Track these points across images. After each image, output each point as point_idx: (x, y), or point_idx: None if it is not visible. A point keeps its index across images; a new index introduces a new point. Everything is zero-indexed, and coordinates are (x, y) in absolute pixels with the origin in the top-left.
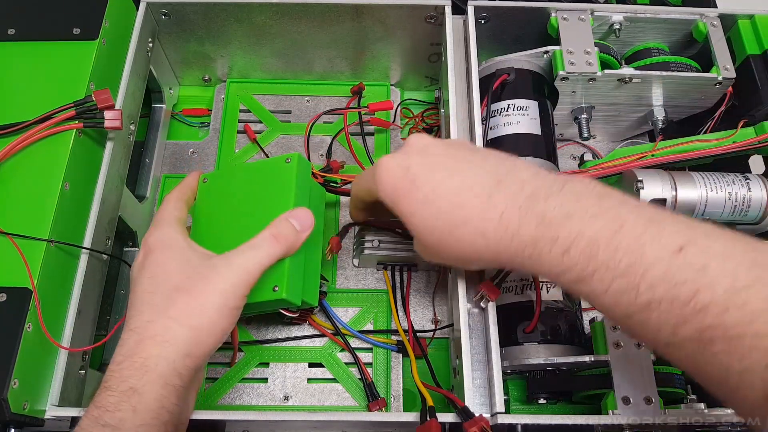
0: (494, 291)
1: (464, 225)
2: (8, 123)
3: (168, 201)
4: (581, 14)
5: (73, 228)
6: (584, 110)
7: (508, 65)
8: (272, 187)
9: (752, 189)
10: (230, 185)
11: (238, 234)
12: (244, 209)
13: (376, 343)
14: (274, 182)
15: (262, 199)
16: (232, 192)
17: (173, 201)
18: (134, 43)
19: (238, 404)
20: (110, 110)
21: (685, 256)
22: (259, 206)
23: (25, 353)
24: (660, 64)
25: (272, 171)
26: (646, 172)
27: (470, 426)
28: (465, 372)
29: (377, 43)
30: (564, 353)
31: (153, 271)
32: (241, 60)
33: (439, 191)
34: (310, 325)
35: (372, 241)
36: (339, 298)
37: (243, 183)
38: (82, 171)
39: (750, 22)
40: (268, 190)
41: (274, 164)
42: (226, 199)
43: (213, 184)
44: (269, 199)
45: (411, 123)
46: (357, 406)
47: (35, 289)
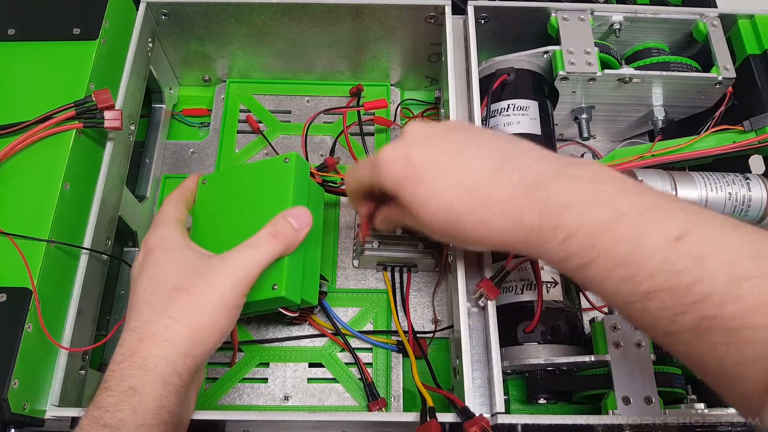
0: (493, 290)
1: (468, 213)
2: (8, 123)
3: (168, 202)
4: (581, 14)
5: (73, 228)
6: (584, 110)
7: (508, 65)
8: (270, 187)
9: (752, 189)
10: (229, 186)
11: (238, 235)
12: (242, 210)
13: (376, 343)
14: (272, 182)
15: (260, 199)
16: (231, 193)
17: (173, 202)
18: (134, 43)
19: (238, 404)
20: (110, 110)
21: (684, 245)
22: (258, 207)
23: (25, 353)
24: (660, 64)
25: (270, 171)
26: (646, 172)
27: (471, 426)
28: (465, 372)
29: (377, 43)
30: (564, 353)
31: (152, 271)
32: (241, 60)
33: (442, 182)
34: (310, 324)
35: (372, 242)
36: (339, 298)
37: (242, 184)
38: (82, 171)
39: (750, 22)
40: (267, 190)
41: (272, 164)
42: (225, 200)
43: (212, 186)
44: (268, 200)
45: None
46: (357, 406)
47: (35, 289)
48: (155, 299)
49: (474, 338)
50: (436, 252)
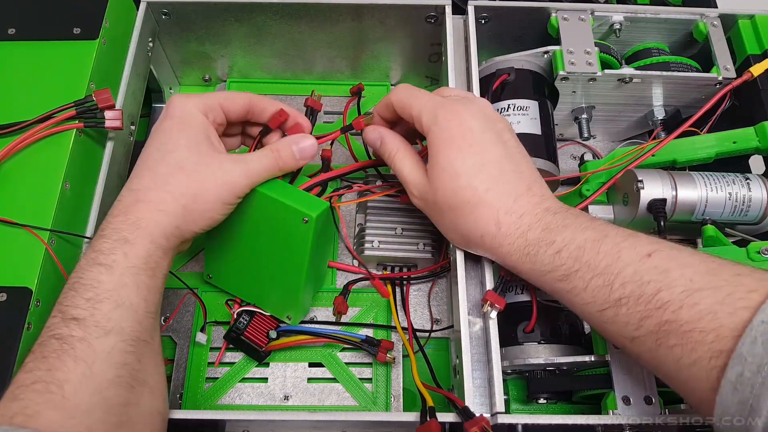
0: (500, 300)
1: (488, 208)
2: (8, 123)
3: (220, 97)
4: (581, 14)
5: (73, 228)
6: (584, 110)
7: (508, 65)
8: (287, 240)
9: (752, 189)
10: (244, 204)
11: (251, 265)
12: (258, 244)
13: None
14: (289, 236)
15: (276, 245)
16: (248, 214)
17: (221, 98)
18: (134, 42)
19: (238, 404)
20: (111, 110)
21: (652, 261)
22: (273, 252)
23: (26, 353)
24: (660, 64)
25: (289, 223)
26: (646, 172)
27: (471, 426)
28: (465, 372)
29: (377, 43)
30: (564, 353)
31: (164, 140)
32: (241, 60)
33: (486, 166)
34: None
35: (372, 242)
36: None
37: (260, 214)
38: (82, 171)
39: (750, 22)
40: (283, 241)
41: (292, 217)
42: (238, 217)
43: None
44: (283, 251)
45: None
46: (357, 406)
47: (35, 289)
48: (158, 169)
49: (474, 338)
50: (436, 252)
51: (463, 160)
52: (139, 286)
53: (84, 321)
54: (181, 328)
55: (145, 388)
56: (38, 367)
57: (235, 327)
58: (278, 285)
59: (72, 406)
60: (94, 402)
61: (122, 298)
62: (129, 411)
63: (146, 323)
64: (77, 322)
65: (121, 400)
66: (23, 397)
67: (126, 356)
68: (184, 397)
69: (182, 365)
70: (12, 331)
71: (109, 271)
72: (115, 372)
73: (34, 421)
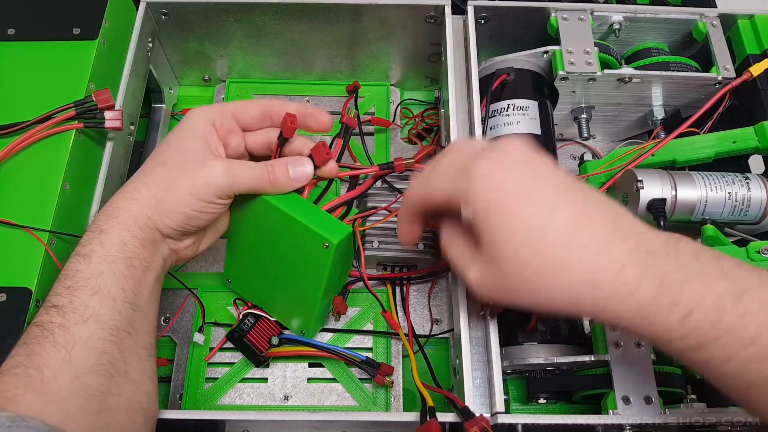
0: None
1: (572, 269)
2: (8, 123)
3: (234, 105)
4: (581, 14)
5: (73, 228)
6: (584, 110)
7: (508, 65)
8: (306, 261)
9: (752, 189)
10: (265, 219)
11: (269, 278)
12: (278, 260)
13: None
14: (309, 257)
15: (295, 264)
16: (265, 229)
17: (231, 110)
18: (134, 43)
19: (238, 404)
20: (110, 110)
21: None
22: (292, 270)
23: None
24: (660, 64)
25: (309, 246)
26: (646, 172)
27: (471, 426)
28: (465, 372)
29: (377, 43)
30: (564, 353)
31: (162, 145)
32: (241, 60)
33: (550, 223)
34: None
35: (372, 242)
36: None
37: (281, 231)
38: (82, 171)
39: (750, 22)
40: (303, 262)
41: (312, 240)
42: (259, 229)
43: (248, 202)
44: (301, 271)
45: (411, 123)
46: (357, 406)
47: (35, 289)
48: (146, 168)
49: (474, 338)
50: (436, 252)
51: (520, 233)
52: (116, 274)
53: (63, 308)
54: (180, 328)
55: (127, 380)
56: (19, 352)
57: (239, 328)
58: (294, 301)
59: (51, 390)
60: (73, 387)
61: (99, 285)
62: (109, 400)
63: (126, 313)
64: (57, 309)
65: (101, 388)
66: (3, 380)
67: (105, 344)
68: (184, 397)
69: (182, 365)
70: (12, 331)
71: (86, 260)
72: (95, 359)
73: (12, 404)
